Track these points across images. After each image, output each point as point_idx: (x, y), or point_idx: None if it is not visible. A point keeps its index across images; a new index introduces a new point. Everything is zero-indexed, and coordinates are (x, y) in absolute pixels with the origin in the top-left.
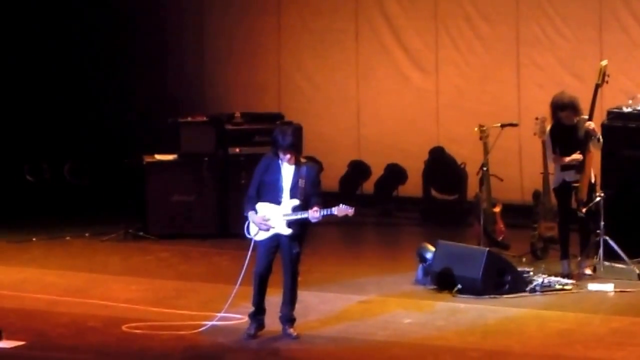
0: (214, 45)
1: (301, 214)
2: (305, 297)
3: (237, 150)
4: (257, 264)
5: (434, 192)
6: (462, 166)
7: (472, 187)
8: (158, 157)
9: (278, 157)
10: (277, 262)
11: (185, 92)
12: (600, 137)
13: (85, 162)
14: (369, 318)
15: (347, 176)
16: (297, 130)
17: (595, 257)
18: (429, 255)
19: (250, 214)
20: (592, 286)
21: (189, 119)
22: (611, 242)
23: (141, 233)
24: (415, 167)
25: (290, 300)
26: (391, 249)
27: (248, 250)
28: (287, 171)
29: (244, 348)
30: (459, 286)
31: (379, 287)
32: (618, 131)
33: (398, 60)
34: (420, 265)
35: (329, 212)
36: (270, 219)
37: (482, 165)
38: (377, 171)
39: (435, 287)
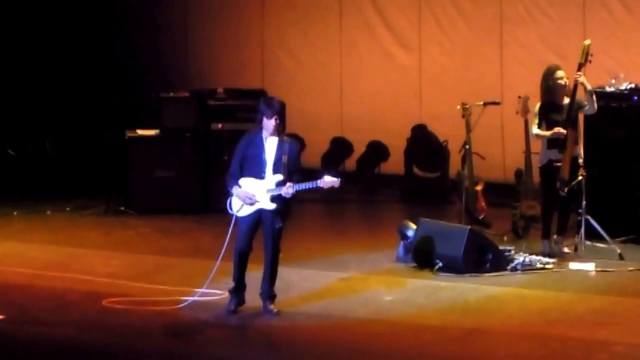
0: (197, 21)
1: (280, 190)
2: (287, 274)
3: (220, 126)
4: (237, 241)
5: (416, 170)
6: (445, 144)
7: (454, 165)
8: (140, 132)
9: (261, 132)
10: (258, 238)
11: (169, 67)
12: (591, 89)
13: (68, 137)
14: (349, 295)
15: (329, 153)
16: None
17: (576, 236)
18: (410, 233)
19: (234, 189)
20: (574, 265)
21: (172, 94)
22: (593, 222)
23: (122, 208)
24: (397, 145)
25: (270, 276)
26: (372, 227)
27: (229, 226)
28: (271, 146)
29: (224, 324)
30: (440, 264)
31: (360, 264)
32: (601, 111)
33: (381, 37)
34: (402, 243)
35: (313, 185)
36: (255, 193)
37: (465, 143)
38: (359, 148)
39: (416, 264)
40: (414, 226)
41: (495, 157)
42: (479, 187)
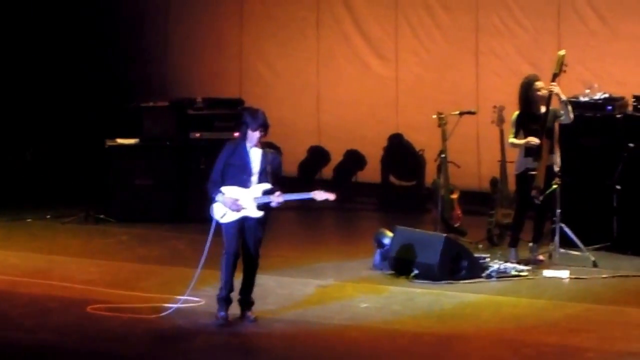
0: (176, 31)
1: (269, 198)
2: (264, 281)
3: (198, 135)
4: (228, 246)
5: (392, 179)
6: (421, 153)
7: (430, 173)
8: (120, 141)
9: (244, 142)
10: None
11: (148, 77)
12: (566, 99)
13: (48, 145)
14: (326, 302)
15: (306, 161)
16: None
17: (551, 244)
18: (386, 241)
19: (220, 196)
20: (548, 273)
21: (151, 103)
22: (567, 230)
23: (102, 216)
24: (374, 154)
25: (249, 284)
26: (349, 234)
27: (209, 233)
28: (255, 155)
29: (203, 331)
30: (416, 271)
31: (337, 271)
32: (575, 120)
33: (358, 48)
34: (378, 251)
35: (306, 197)
36: (241, 200)
37: (440, 152)
38: (337, 157)
39: (392, 272)
40: (390, 234)
41: (471, 165)
42: (454, 196)
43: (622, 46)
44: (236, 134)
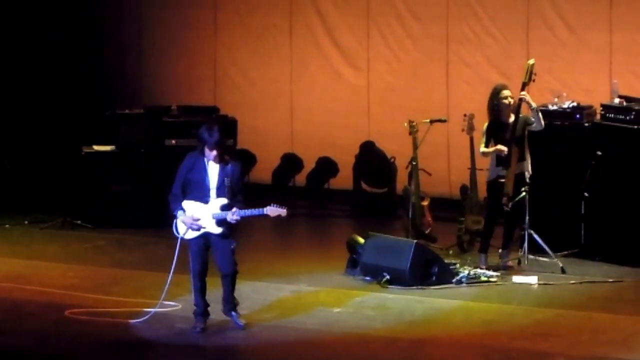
0: (151, 38)
1: (225, 215)
2: (238, 286)
3: (173, 142)
4: (192, 266)
5: (364, 186)
6: (392, 160)
7: (402, 180)
8: (96, 147)
9: (203, 155)
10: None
11: (123, 84)
12: (536, 106)
13: (25, 153)
14: (299, 307)
15: (279, 169)
16: (221, 129)
17: (520, 250)
18: (358, 247)
19: (179, 214)
20: (517, 279)
21: (127, 111)
22: (536, 236)
23: (79, 222)
24: (346, 161)
25: (230, 295)
26: (322, 240)
27: (175, 249)
28: (213, 170)
29: (179, 336)
30: (387, 277)
31: (310, 277)
32: (544, 128)
33: (331, 56)
34: (350, 256)
35: (259, 212)
36: (200, 218)
37: (411, 160)
38: (309, 164)
39: (364, 277)
40: (362, 240)
41: (441, 173)
42: (425, 203)
43: (590, 55)
44: None
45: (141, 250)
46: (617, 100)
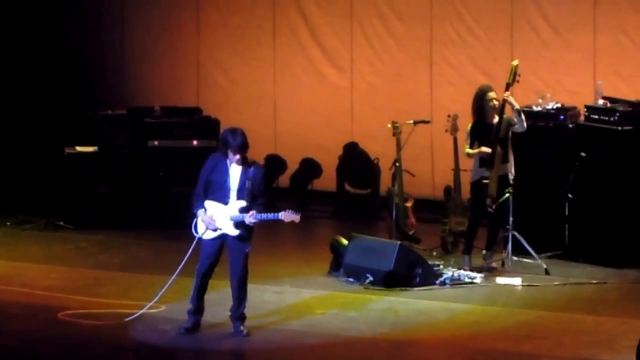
0: (133, 39)
1: (243, 217)
2: (222, 287)
3: (156, 143)
4: (200, 265)
5: (347, 187)
6: (376, 161)
7: (385, 182)
8: (79, 148)
9: (226, 157)
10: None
11: (106, 85)
12: (519, 107)
13: (7, 153)
14: (283, 309)
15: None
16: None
17: (503, 251)
18: (342, 248)
19: (200, 212)
20: (501, 280)
21: (109, 111)
22: (520, 238)
23: (62, 223)
24: (329, 162)
25: (239, 298)
26: (305, 242)
27: (190, 247)
28: (235, 172)
29: (162, 338)
30: (371, 278)
31: (293, 278)
32: (528, 129)
33: (314, 57)
34: (333, 258)
35: (274, 217)
36: (218, 219)
37: (395, 161)
38: (293, 165)
39: (347, 279)
40: (345, 241)
41: (425, 174)
42: (408, 204)
43: (574, 56)
44: (195, 142)
45: (124, 252)
46: (601, 102)
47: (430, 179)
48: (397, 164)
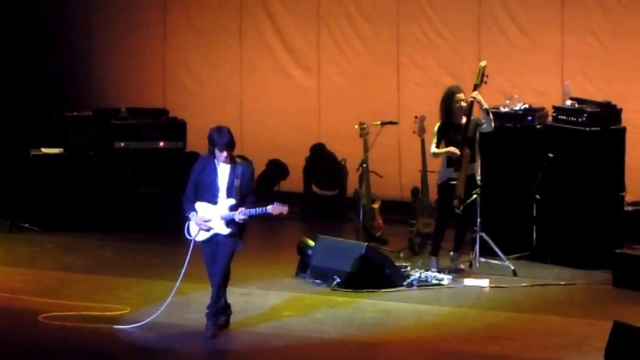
0: (100, 40)
1: (233, 215)
2: (187, 289)
3: (122, 144)
4: (208, 269)
5: (314, 188)
6: (343, 163)
7: (352, 183)
8: (45, 150)
9: (214, 157)
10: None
11: (72, 86)
12: (487, 107)
13: None
14: (250, 311)
15: None
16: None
17: (471, 253)
18: (308, 250)
19: (192, 215)
20: (468, 281)
21: (75, 113)
22: (487, 239)
23: (27, 225)
24: (296, 163)
25: (219, 296)
26: (272, 243)
27: (188, 252)
28: (223, 171)
29: (130, 337)
30: (338, 280)
31: (260, 280)
32: (495, 130)
33: (281, 58)
34: (300, 259)
35: (263, 211)
36: (210, 219)
37: (362, 162)
38: (259, 166)
39: (314, 281)
40: (312, 243)
41: (392, 175)
42: (376, 205)
43: (541, 57)
44: (161, 143)
45: (90, 254)
46: (568, 102)
47: (397, 180)
48: (365, 165)
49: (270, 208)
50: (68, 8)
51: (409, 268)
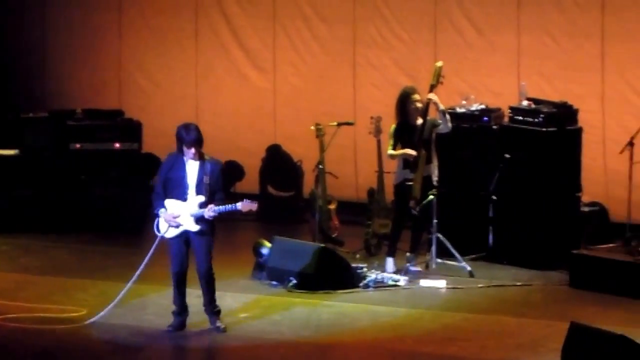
0: (55, 41)
1: (202, 212)
2: (143, 291)
3: (78, 146)
4: (172, 264)
5: (270, 189)
6: (299, 164)
7: (308, 184)
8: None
9: (182, 154)
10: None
11: (26, 87)
12: (444, 108)
13: None
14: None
15: None
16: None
17: (427, 254)
18: (264, 251)
19: (161, 212)
20: (425, 282)
21: (31, 114)
22: (444, 240)
23: None
24: (252, 164)
25: (208, 292)
26: (228, 244)
27: (152, 247)
28: (192, 168)
29: (89, 338)
30: (294, 281)
31: (216, 281)
32: (452, 131)
33: (237, 59)
34: (256, 261)
35: (233, 208)
36: (179, 215)
37: (318, 163)
38: None
39: (270, 282)
40: (268, 244)
41: (348, 176)
42: (332, 206)
43: (497, 58)
44: (117, 145)
45: (45, 255)
46: (525, 103)
47: (353, 181)
48: (320, 166)
49: (240, 205)
50: (23, 7)
51: (365, 269)
